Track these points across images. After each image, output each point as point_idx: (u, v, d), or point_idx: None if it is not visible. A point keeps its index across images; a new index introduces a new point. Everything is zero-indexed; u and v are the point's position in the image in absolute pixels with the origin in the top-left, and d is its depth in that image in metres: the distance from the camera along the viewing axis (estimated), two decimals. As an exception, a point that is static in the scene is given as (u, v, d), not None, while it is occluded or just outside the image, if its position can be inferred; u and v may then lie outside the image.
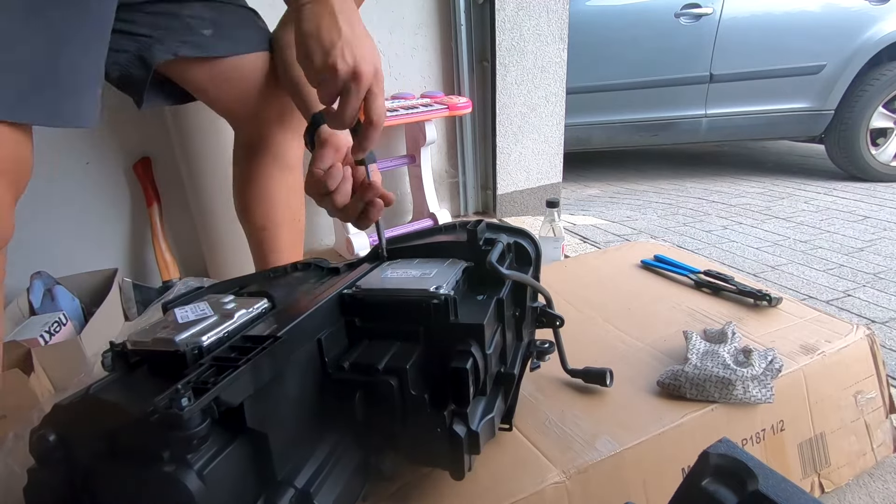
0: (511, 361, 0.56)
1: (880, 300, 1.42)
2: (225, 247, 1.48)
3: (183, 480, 0.30)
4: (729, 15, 2.58)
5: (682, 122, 2.75)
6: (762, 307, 0.86)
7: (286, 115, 0.93)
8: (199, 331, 0.39)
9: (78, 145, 1.41)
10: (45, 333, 1.08)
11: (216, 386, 0.32)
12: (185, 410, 0.29)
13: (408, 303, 0.47)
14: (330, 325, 0.46)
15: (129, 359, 0.40)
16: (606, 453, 0.58)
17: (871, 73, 2.61)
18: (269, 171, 0.97)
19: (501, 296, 0.51)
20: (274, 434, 0.37)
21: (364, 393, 0.44)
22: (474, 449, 0.46)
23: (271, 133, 0.94)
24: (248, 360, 0.35)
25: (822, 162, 3.05)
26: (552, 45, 1.93)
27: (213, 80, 0.85)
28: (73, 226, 1.45)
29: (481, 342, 0.46)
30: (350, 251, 1.60)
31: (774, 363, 0.66)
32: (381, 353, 0.45)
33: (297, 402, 0.42)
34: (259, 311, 0.45)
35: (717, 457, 0.35)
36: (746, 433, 0.66)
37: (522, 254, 0.62)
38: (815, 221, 2.13)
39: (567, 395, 0.68)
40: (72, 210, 1.44)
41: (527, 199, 2.11)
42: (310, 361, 0.44)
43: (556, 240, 1.36)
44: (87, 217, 1.47)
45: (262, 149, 0.96)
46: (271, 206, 0.99)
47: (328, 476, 0.41)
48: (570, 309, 0.90)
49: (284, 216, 1.02)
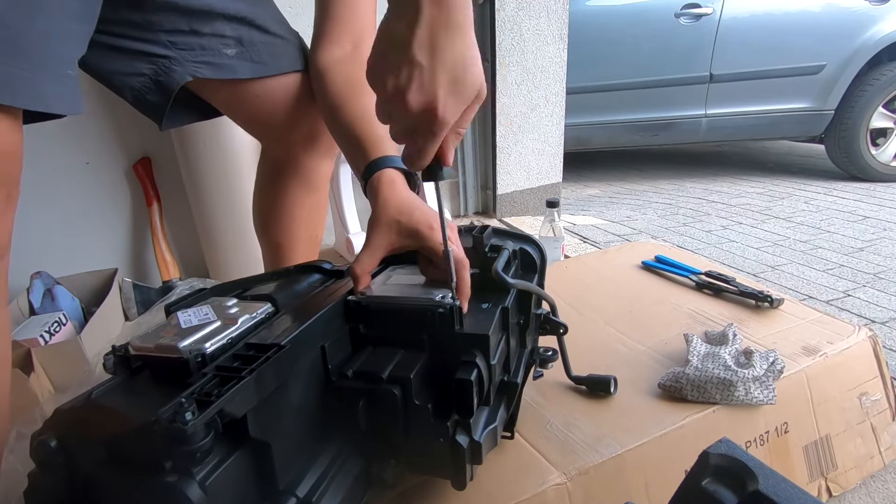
0: (514, 370, 0.56)
1: (880, 300, 1.42)
2: (225, 247, 1.48)
3: (185, 491, 0.30)
4: (729, 15, 2.58)
5: (682, 122, 2.75)
6: (763, 308, 0.86)
7: (316, 138, 0.87)
8: (202, 337, 0.39)
9: (78, 145, 1.41)
10: (45, 333, 1.08)
11: (220, 399, 0.31)
12: (189, 425, 0.29)
13: (413, 311, 0.46)
14: (334, 332, 0.46)
15: (132, 363, 0.40)
16: (608, 455, 0.58)
17: (871, 73, 2.61)
18: (294, 192, 0.93)
19: (506, 304, 0.51)
20: (276, 443, 0.37)
21: (367, 401, 0.43)
22: (476, 459, 0.46)
23: (298, 155, 0.89)
24: (253, 370, 0.34)
25: (822, 162, 3.05)
26: (552, 45, 1.93)
27: (237, 101, 0.79)
28: (73, 226, 1.45)
29: (486, 353, 0.45)
30: (350, 251, 1.60)
31: (776, 364, 0.66)
32: (385, 362, 0.44)
33: (299, 410, 0.41)
34: (263, 317, 0.45)
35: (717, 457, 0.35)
36: (750, 435, 0.66)
37: (528, 260, 0.62)
38: (815, 221, 2.13)
39: (569, 399, 0.68)
40: (72, 210, 1.43)
41: (527, 199, 2.11)
42: (313, 369, 0.43)
43: (556, 240, 1.36)
44: (87, 217, 1.46)
45: (290, 170, 0.91)
46: (291, 224, 0.96)
47: (330, 485, 0.41)
48: (570, 312, 0.90)
49: (302, 234, 0.98)
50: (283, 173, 0.92)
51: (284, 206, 0.94)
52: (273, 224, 0.96)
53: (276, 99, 0.79)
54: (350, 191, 1.59)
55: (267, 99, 0.79)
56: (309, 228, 0.99)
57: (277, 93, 0.79)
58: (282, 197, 0.93)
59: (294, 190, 0.93)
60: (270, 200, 0.95)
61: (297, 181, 0.92)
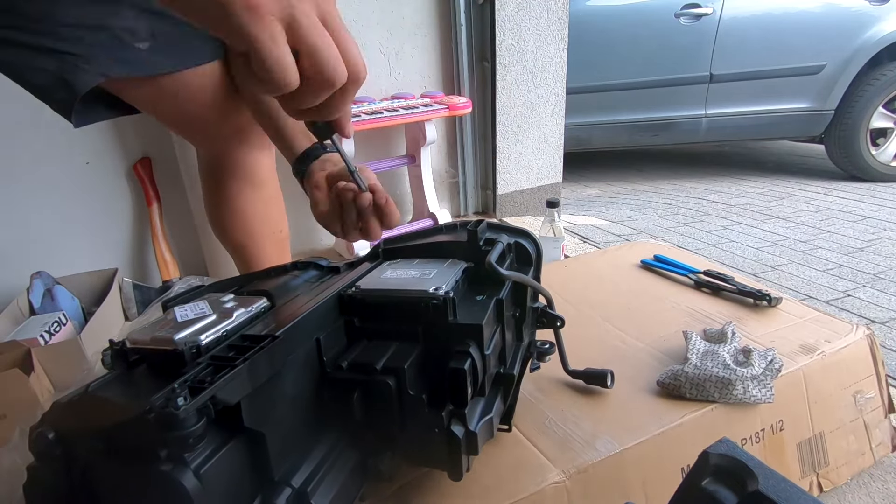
0: (511, 362, 0.56)
1: (880, 300, 1.42)
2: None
3: (179, 479, 0.30)
4: (729, 15, 2.58)
5: (682, 122, 2.75)
6: (762, 307, 0.86)
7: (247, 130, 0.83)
8: (197, 329, 0.39)
9: (78, 145, 1.41)
10: (45, 333, 1.08)
11: (213, 385, 0.32)
12: (181, 410, 0.29)
13: (407, 303, 0.47)
14: (329, 324, 0.46)
15: (129, 357, 0.40)
16: (606, 453, 0.58)
17: (871, 73, 2.61)
18: (239, 190, 0.89)
19: (501, 296, 0.51)
20: (271, 433, 0.37)
21: (362, 392, 0.44)
22: (472, 450, 0.46)
23: (232, 152, 0.85)
24: (246, 359, 0.35)
25: (822, 162, 3.05)
26: (552, 45, 1.93)
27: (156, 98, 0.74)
28: (73, 226, 1.45)
29: (480, 343, 0.46)
30: (350, 251, 1.60)
31: (774, 363, 0.66)
32: (379, 353, 0.45)
33: (294, 401, 0.42)
34: (258, 310, 0.45)
35: (717, 457, 0.35)
36: (746, 433, 0.66)
37: (523, 254, 0.62)
38: (815, 221, 2.13)
39: (567, 395, 0.68)
40: (72, 210, 1.44)
41: (527, 199, 2.11)
42: (308, 361, 0.44)
43: (556, 240, 1.36)
44: (87, 217, 1.47)
45: (228, 168, 0.87)
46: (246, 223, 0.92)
47: (325, 476, 0.41)
48: (569, 308, 0.90)
49: (263, 231, 0.94)
50: (223, 172, 0.88)
51: (233, 206, 0.91)
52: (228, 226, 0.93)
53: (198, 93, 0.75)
54: (350, 191, 1.60)
55: (188, 94, 0.75)
56: (268, 225, 0.95)
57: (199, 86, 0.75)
58: (228, 197, 0.90)
59: (237, 188, 0.89)
60: (217, 202, 0.91)
61: (239, 179, 0.89)
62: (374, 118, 1.51)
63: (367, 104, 1.63)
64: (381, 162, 1.72)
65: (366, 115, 1.51)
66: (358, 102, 1.64)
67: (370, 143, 1.78)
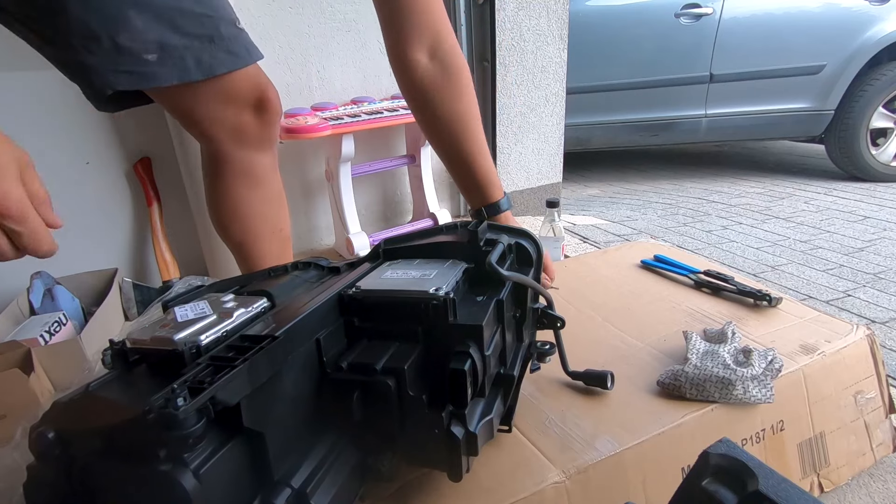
0: (511, 363, 0.56)
1: (880, 300, 1.42)
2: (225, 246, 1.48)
3: (179, 479, 0.30)
4: (729, 15, 2.58)
5: (682, 122, 2.75)
6: (762, 307, 0.86)
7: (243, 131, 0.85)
8: (197, 330, 0.39)
9: (78, 145, 1.41)
10: (45, 333, 1.08)
11: (212, 385, 0.32)
12: (181, 410, 0.30)
13: (407, 303, 0.47)
14: (329, 324, 0.46)
15: (129, 357, 0.40)
16: (606, 453, 0.58)
17: (871, 73, 2.61)
18: (236, 187, 0.90)
19: (501, 297, 0.51)
20: (271, 434, 0.37)
21: (362, 393, 0.44)
22: (472, 450, 0.46)
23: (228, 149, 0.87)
24: (245, 359, 0.35)
25: (822, 162, 3.05)
26: (552, 45, 1.93)
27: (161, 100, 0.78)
28: (73, 226, 1.45)
29: (480, 343, 0.45)
30: (350, 251, 1.60)
31: (774, 363, 0.66)
32: (379, 354, 0.45)
33: (294, 401, 0.42)
34: (258, 311, 0.45)
35: (717, 457, 0.35)
36: (746, 433, 0.66)
37: (524, 254, 0.62)
38: (815, 221, 2.13)
39: (567, 396, 0.68)
40: (72, 210, 1.44)
41: (527, 199, 2.11)
42: (308, 361, 0.44)
43: (556, 240, 1.36)
44: (87, 217, 1.47)
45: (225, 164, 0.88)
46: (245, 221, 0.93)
47: (325, 476, 0.41)
48: (570, 309, 0.90)
49: (263, 229, 0.95)
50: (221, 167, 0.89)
51: (231, 203, 0.91)
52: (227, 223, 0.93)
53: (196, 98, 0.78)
54: (350, 191, 1.60)
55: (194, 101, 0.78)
56: (268, 223, 0.95)
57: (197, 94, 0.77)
58: (226, 193, 0.91)
59: (235, 185, 0.90)
60: (217, 197, 0.92)
61: (236, 176, 0.89)
62: (374, 118, 1.51)
63: (367, 104, 1.62)
64: (381, 162, 1.72)
65: (366, 115, 1.51)
66: (358, 102, 1.63)
67: (370, 143, 1.78)
